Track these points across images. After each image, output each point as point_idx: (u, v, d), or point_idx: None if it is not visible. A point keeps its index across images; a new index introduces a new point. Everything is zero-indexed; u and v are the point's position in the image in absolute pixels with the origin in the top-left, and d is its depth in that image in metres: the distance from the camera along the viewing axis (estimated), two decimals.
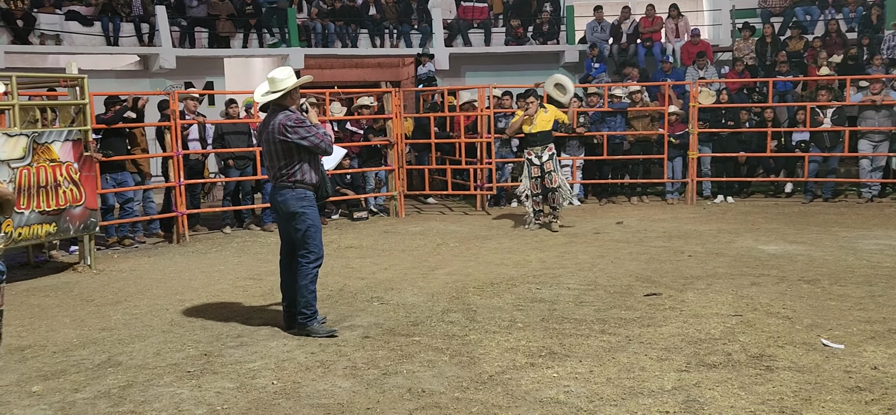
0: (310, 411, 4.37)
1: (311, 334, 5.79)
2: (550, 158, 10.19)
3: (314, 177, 5.89)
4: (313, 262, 5.89)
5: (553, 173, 10.15)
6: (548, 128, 10.14)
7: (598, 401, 4.39)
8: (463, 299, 6.77)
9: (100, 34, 15.25)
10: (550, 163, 10.16)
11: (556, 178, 10.16)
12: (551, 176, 10.14)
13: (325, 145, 5.86)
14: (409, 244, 9.68)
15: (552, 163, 10.18)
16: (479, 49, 17.92)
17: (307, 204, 5.85)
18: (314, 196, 5.91)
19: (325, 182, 5.99)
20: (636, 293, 6.80)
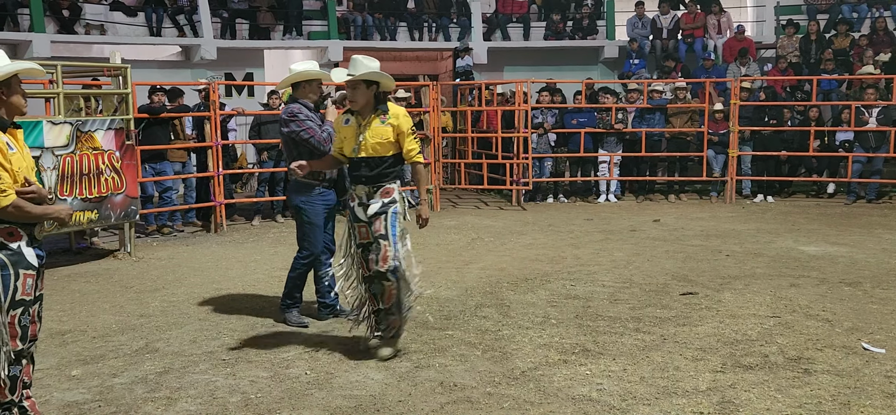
0: (342, 403, 4.39)
1: (286, 322, 5.95)
2: (383, 211, 5.07)
3: (321, 172, 5.77)
4: (305, 258, 5.97)
5: (384, 242, 5.03)
6: (385, 151, 5.07)
7: (632, 400, 4.35)
8: (496, 294, 6.75)
9: (143, 25, 15.47)
10: (383, 221, 5.05)
11: (386, 251, 5.02)
12: (379, 245, 5.04)
13: (316, 142, 5.78)
14: (444, 238, 9.68)
15: (387, 221, 5.05)
16: (517, 43, 17.83)
17: (309, 199, 5.86)
18: (323, 190, 5.89)
19: (342, 177, 5.89)
20: (672, 292, 6.73)
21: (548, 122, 12.76)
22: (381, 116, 5.09)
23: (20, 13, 14.29)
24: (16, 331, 3.64)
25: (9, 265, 3.60)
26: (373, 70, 4.98)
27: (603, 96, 13.23)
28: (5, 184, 3.53)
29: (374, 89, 5.05)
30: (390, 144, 5.08)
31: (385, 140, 5.05)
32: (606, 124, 12.70)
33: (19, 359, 3.67)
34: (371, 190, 5.10)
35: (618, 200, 12.89)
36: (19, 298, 3.63)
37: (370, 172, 5.08)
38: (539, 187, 12.95)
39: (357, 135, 5.08)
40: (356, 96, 5.02)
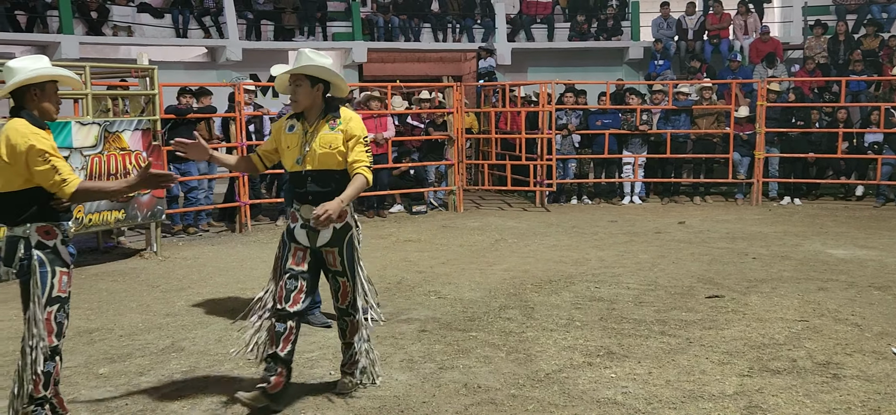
0: (366, 403, 4.40)
1: (310, 323, 5.90)
2: (337, 243, 4.41)
3: None
4: None
5: (341, 279, 4.50)
6: (335, 164, 4.36)
7: (657, 403, 4.32)
8: (520, 296, 6.74)
9: (170, 26, 15.61)
10: (338, 256, 4.44)
11: (345, 288, 4.52)
12: (336, 282, 4.52)
13: None
14: (468, 239, 9.67)
15: (343, 256, 4.44)
16: (541, 44, 17.80)
17: None
18: None
19: None
20: (698, 295, 6.67)
21: (572, 123, 12.72)
22: (331, 122, 4.33)
23: (49, 15, 14.47)
24: (52, 327, 3.71)
25: (46, 263, 3.68)
26: (318, 65, 4.23)
27: (628, 97, 13.15)
28: (66, 173, 3.62)
29: (320, 90, 4.31)
30: (340, 155, 4.33)
31: (334, 150, 4.31)
32: (631, 126, 12.63)
33: (53, 355, 3.73)
34: None
35: (642, 201, 12.81)
36: (56, 295, 3.70)
37: (318, 189, 4.30)
38: (563, 189, 12.90)
39: (302, 144, 4.33)
40: (298, 95, 4.28)
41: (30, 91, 3.74)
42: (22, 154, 3.59)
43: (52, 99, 3.80)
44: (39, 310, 3.67)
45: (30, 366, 3.67)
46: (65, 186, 3.61)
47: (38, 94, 3.74)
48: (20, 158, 3.59)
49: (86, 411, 4.36)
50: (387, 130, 11.65)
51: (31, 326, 3.69)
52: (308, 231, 4.35)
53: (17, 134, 3.62)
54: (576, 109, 12.88)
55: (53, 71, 3.78)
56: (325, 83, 4.34)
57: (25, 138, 3.60)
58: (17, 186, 3.66)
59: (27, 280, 3.70)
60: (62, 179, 3.61)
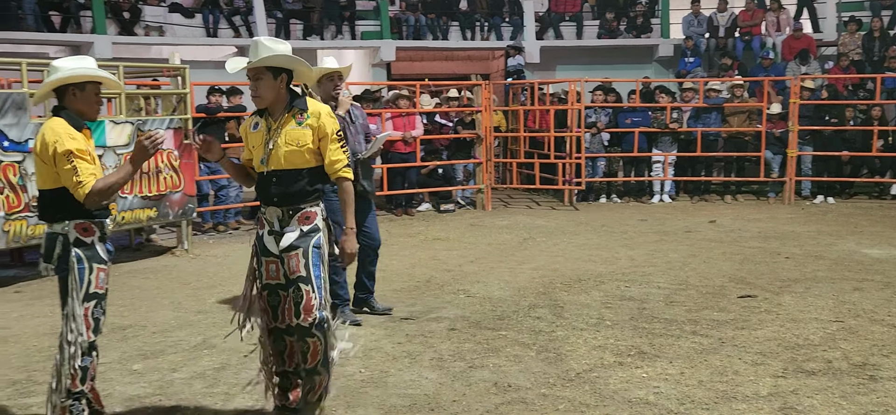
0: (397, 401, 4.40)
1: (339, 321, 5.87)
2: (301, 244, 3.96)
3: None
4: (330, 253, 5.93)
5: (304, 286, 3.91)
6: (302, 163, 3.98)
7: (690, 404, 4.27)
8: (550, 295, 6.71)
9: (200, 26, 15.75)
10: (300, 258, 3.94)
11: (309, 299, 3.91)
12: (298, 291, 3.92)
13: None
14: (496, 238, 9.65)
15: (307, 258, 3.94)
16: (570, 42, 17.71)
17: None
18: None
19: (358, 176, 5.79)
20: (730, 295, 6.60)
21: (601, 121, 12.64)
22: (298, 116, 3.94)
23: (83, 15, 14.67)
24: (89, 323, 3.76)
25: (84, 259, 3.74)
26: (277, 53, 3.84)
27: (658, 95, 13.04)
28: (83, 175, 3.65)
29: (284, 80, 3.91)
30: (308, 153, 3.93)
31: (301, 147, 3.91)
32: (661, 124, 12.53)
33: (90, 351, 3.78)
34: (285, 214, 3.96)
35: (672, 200, 12.70)
36: (93, 291, 3.76)
37: (283, 191, 3.93)
38: (592, 187, 12.82)
39: (265, 142, 3.95)
40: (260, 90, 3.88)
41: (69, 90, 3.79)
42: (52, 154, 3.65)
43: (91, 99, 3.84)
44: (77, 306, 3.72)
45: (67, 361, 3.72)
46: (79, 188, 3.65)
47: (77, 93, 3.79)
48: (51, 158, 3.66)
49: (120, 407, 4.41)
50: (415, 128, 11.66)
51: (68, 321, 3.74)
52: (276, 236, 3.98)
53: (52, 133, 3.67)
54: (605, 107, 12.80)
55: (91, 72, 3.80)
56: (289, 72, 3.94)
57: (56, 138, 3.66)
58: (53, 183, 3.72)
59: (65, 276, 3.75)
60: (78, 182, 3.65)
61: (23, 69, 7.46)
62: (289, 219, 3.96)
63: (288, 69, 3.92)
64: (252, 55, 3.86)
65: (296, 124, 3.93)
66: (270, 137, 3.94)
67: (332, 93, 5.88)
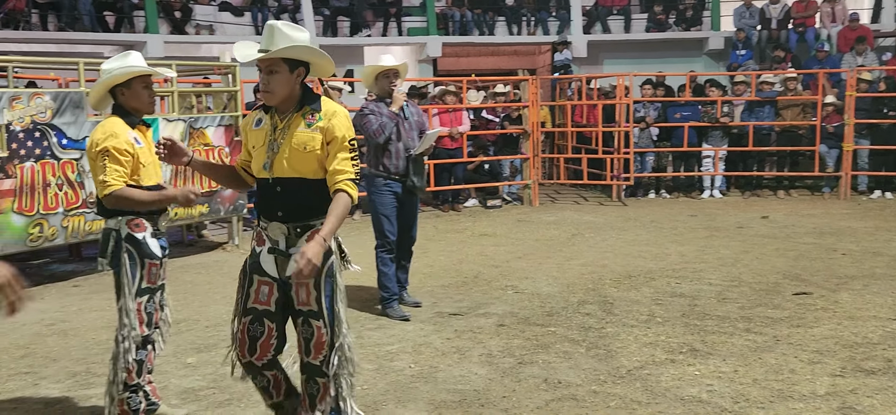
0: (446, 397, 4.40)
1: (388, 316, 6.00)
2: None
3: (383, 164, 5.99)
4: (378, 246, 6.10)
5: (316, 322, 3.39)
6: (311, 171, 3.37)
7: (744, 403, 4.20)
8: (599, 291, 6.65)
9: (249, 24, 15.96)
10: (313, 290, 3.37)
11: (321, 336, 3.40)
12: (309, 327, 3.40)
13: (368, 133, 5.98)
14: (544, 234, 9.60)
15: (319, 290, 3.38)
16: (618, 36, 17.54)
17: (373, 190, 6.07)
18: (389, 182, 6.02)
19: (409, 172, 6.00)
20: (784, 292, 6.47)
21: (650, 116, 12.49)
22: (308, 117, 3.34)
23: (136, 15, 14.97)
24: (142, 317, 3.83)
25: (135, 255, 3.80)
26: (297, 42, 3.28)
27: (708, 89, 12.83)
28: (109, 175, 3.71)
29: (300, 75, 3.33)
30: (318, 160, 3.34)
31: (310, 153, 3.31)
32: (711, 118, 12.33)
33: (145, 344, 3.85)
34: (292, 232, 3.36)
35: (723, 195, 12.50)
36: (145, 287, 3.82)
37: (289, 203, 3.34)
38: (640, 183, 12.69)
39: (270, 143, 3.36)
40: (272, 84, 3.28)
41: (118, 90, 3.85)
42: (94, 151, 3.74)
43: (140, 95, 3.87)
44: (130, 300, 3.79)
45: (122, 355, 3.79)
46: (102, 186, 3.73)
47: (125, 92, 3.84)
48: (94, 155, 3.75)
49: (176, 399, 4.48)
50: (462, 124, 11.66)
51: (122, 316, 3.81)
52: (277, 256, 3.38)
53: (100, 130, 3.76)
54: (654, 102, 12.64)
55: (130, 68, 3.81)
56: (306, 65, 3.36)
57: (100, 136, 3.74)
58: None
59: (119, 271, 3.82)
60: (102, 180, 3.73)
61: (80, 69, 7.64)
62: (296, 238, 3.35)
63: (306, 62, 3.35)
64: (266, 42, 3.28)
65: (305, 126, 3.32)
66: (275, 138, 3.35)
67: (388, 89, 6.05)
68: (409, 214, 6.20)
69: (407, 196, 6.10)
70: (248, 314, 3.42)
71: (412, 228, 6.28)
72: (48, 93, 7.50)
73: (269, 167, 3.35)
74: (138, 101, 3.88)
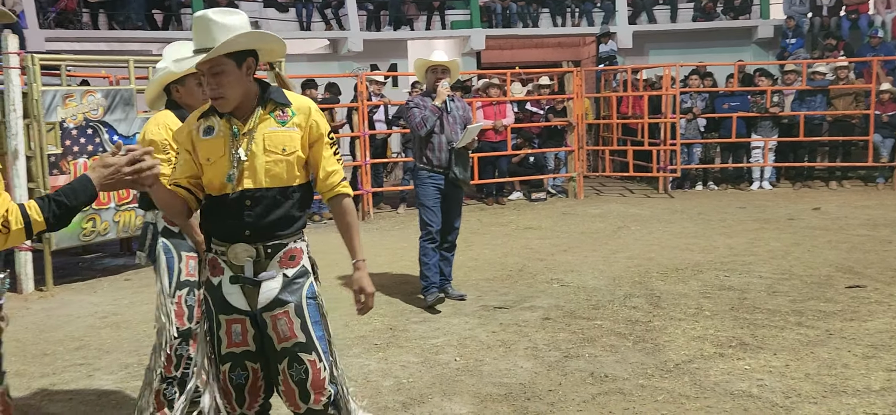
0: (492, 390, 4.40)
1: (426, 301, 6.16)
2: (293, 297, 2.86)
3: (426, 156, 6.14)
4: (421, 236, 6.22)
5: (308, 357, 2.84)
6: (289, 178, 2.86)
7: (796, 397, 4.12)
8: (645, 284, 6.58)
9: (294, 20, 16.10)
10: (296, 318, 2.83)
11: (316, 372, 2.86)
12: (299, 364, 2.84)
13: (412, 126, 6.17)
14: (589, 227, 9.53)
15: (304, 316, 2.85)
16: (664, 26, 17.31)
17: (417, 182, 6.23)
18: (432, 174, 6.14)
19: (451, 164, 6.12)
20: (837, 284, 6.33)
21: (697, 106, 12.30)
22: (279, 114, 2.84)
23: (183, 13, 15.21)
24: (182, 310, 3.86)
25: (172, 248, 3.82)
26: (238, 31, 2.72)
27: (758, 78, 12.59)
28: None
29: (251, 67, 2.78)
30: (298, 165, 2.85)
31: (290, 155, 2.82)
32: (761, 108, 12.10)
33: (186, 338, 3.89)
34: (261, 254, 2.82)
35: (773, 187, 12.27)
36: (184, 279, 3.86)
37: (261, 219, 2.80)
38: (687, 174, 12.51)
39: (232, 151, 2.79)
40: (223, 87, 2.74)
41: (172, 87, 3.89)
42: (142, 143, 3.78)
43: (194, 92, 3.83)
44: (165, 294, 3.82)
45: (161, 347, 3.83)
46: None
47: (179, 89, 3.86)
48: None
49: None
50: (506, 116, 11.62)
51: (159, 309, 3.85)
52: (244, 286, 2.83)
53: (153, 124, 3.79)
54: (701, 92, 12.45)
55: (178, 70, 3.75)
56: (255, 54, 2.82)
57: (149, 129, 3.77)
58: None
59: (156, 264, 3.86)
60: None
61: (130, 66, 7.78)
62: (267, 260, 2.82)
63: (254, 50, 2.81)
64: (201, 39, 2.74)
65: (278, 125, 2.83)
66: (240, 143, 2.80)
67: (434, 84, 6.18)
68: (453, 207, 6.28)
69: (451, 188, 6.18)
70: (226, 361, 2.87)
71: (455, 219, 6.33)
72: (100, 90, 7.67)
73: (235, 178, 2.78)
74: (192, 98, 3.88)
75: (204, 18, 2.73)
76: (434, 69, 6.19)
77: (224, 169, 2.80)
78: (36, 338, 5.74)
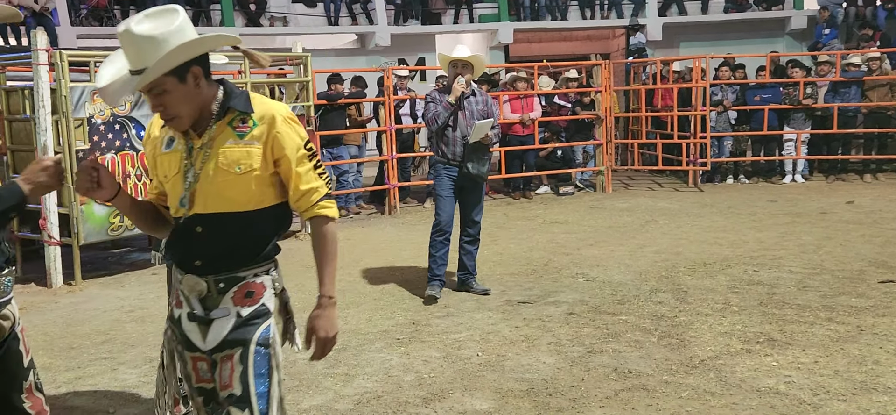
0: (513, 385, 4.36)
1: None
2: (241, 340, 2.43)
3: (441, 150, 6.20)
4: (433, 227, 6.30)
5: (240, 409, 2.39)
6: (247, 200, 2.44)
7: (824, 394, 4.03)
8: (672, 279, 6.49)
9: (322, 15, 16.15)
10: (237, 366, 2.40)
11: None
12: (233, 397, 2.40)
13: (425, 119, 6.30)
14: (616, 221, 9.44)
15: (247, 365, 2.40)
16: (695, 18, 17.12)
17: (435, 174, 6.32)
18: (447, 167, 6.20)
19: (466, 158, 6.13)
20: (869, 279, 6.19)
21: (728, 99, 12.12)
22: (238, 125, 2.41)
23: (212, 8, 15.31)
24: None
25: None
26: (171, 41, 2.25)
27: (791, 70, 12.37)
28: None
29: (199, 75, 2.35)
30: (258, 183, 2.42)
31: (245, 174, 2.40)
32: (793, 100, 11.89)
33: None
34: (213, 289, 2.45)
35: (805, 180, 12.06)
36: None
37: (212, 249, 2.44)
38: (718, 168, 12.34)
39: (185, 171, 2.43)
40: (170, 108, 2.35)
41: None
42: None
43: None
44: None
45: None
46: None
47: None
48: None
49: None
50: (533, 110, 11.54)
51: None
52: (200, 324, 2.46)
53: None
54: (732, 84, 12.26)
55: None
56: (202, 59, 2.36)
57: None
58: None
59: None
60: None
61: None
62: (219, 296, 2.44)
63: (196, 58, 2.35)
64: (133, 59, 2.31)
65: (236, 139, 2.41)
66: (192, 161, 2.42)
67: (452, 79, 6.19)
68: (472, 200, 6.29)
69: (467, 182, 6.19)
70: (199, 395, 2.52)
71: (474, 213, 6.33)
72: None
73: (186, 202, 2.43)
74: None
75: (127, 34, 2.29)
76: (455, 64, 6.18)
77: (179, 189, 2.45)
78: (63, 332, 5.80)
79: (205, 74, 2.38)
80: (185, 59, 2.31)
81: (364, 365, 4.79)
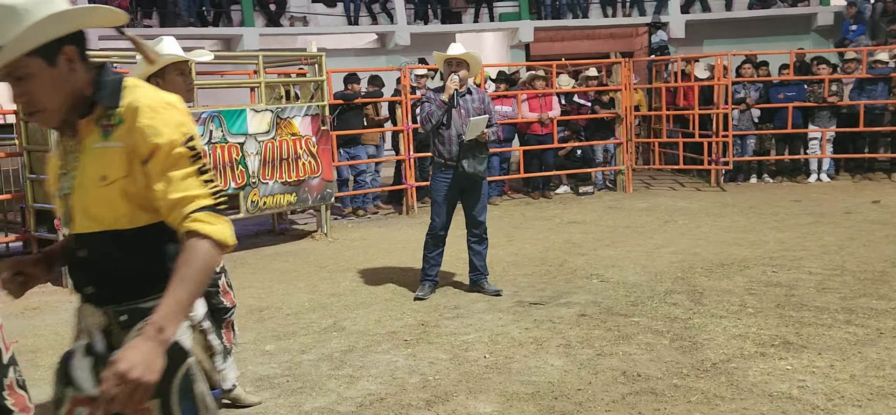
0: (519, 388, 4.28)
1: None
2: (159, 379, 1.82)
3: (437, 149, 6.18)
4: (428, 230, 6.33)
5: None
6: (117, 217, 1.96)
7: (839, 400, 3.90)
8: (688, 280, 6.37)
9: (342, 15, 16.15)
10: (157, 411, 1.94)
11: None
12: None
13: (420, 119, 6.31)
14: (635, 221, 9.31)
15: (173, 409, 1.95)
16: (718, 15, 16.90)
17: (432, 177, 6.30)
18: (443, 168, 6.18)
19: (462, 156, 6.07)
20: (891, 281, 6.03)
21: (751, 97, 11.92)
22: (104, 123, 1.94)
23: (233, 9, 15.37)
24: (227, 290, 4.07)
25: None
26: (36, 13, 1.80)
27: (816, 67, 12.14)
28: None
29: (73, 56, 1.90)
30: (125, 198, 1.94)
31: (111, 185, 1.93)
32: (818, 98, 11.67)
33: None
34: (113, 321, 2.01)
35: (831, 179, 11.83)
36: None
37: (101, 275, 2.01)
38: (740, 167, 12.15)
39: (61, 179, 2.04)
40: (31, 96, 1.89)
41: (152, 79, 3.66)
42: None
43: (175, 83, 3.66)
44: None
45: None
46: None
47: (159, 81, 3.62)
48: None
49: (251, 386, 4.52)
50: (552, 109, 11.44)
51: None
52: (94, 362, 2.00)
53: None
54: (755, 82, 12.06)
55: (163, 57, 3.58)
56: (76, 37, 1.92)
57: None
58: None
59: None
60: None
61: None
62: (122, 332, 1.99)
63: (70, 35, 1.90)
64: None
65: (101, 139, 1.95)
66: (66, 169, 2.02)
67: (447, 77, 6.15)
68: (473, 199, 6.24)
69: (466, 181, 6.14)
70: None
71: (477, 212, 6.27)
72: None
73: (67, 219, 2.04)
74: (175, 89, 3.78)
75: None
76: (449, 62, 6.12)
77: (58, 202, 2.05)
78: None
79: (80, 57, 1.92)
80: (54, 36, 1.85)
81: (369, 367, 4.74)
